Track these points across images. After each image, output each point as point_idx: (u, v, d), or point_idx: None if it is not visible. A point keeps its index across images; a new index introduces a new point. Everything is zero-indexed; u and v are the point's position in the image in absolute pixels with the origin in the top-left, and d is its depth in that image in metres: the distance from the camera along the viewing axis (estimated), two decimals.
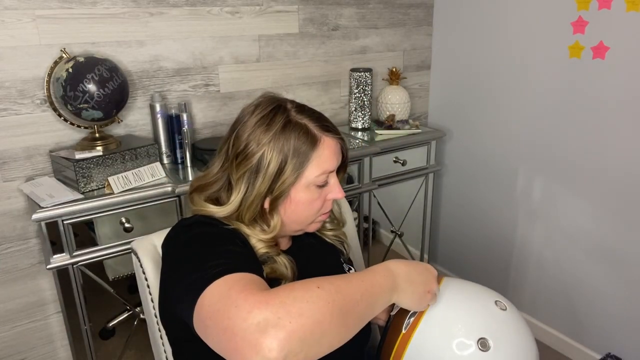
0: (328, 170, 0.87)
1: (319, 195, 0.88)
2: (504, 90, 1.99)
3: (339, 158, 0.90)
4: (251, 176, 0.85)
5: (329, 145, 0.87)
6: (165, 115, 1.61)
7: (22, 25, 1.40)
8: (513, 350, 0.79)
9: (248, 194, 0.85)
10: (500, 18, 1.95)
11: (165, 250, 0.87)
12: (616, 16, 1.57)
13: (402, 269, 0.78)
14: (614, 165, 1.68)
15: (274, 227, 0.87)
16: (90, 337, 1.45)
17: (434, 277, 0.81)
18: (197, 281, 0.68)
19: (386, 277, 0.75)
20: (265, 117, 0.85)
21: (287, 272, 0.86)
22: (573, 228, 1.84)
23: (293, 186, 0.85)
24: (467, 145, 2.20)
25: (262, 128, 0.84)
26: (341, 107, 2.11)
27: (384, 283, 0.74)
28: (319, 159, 0.85)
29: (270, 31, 1.83)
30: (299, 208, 0.88)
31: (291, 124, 0.85)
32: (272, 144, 0.83)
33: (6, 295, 1.56)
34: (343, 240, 1.08)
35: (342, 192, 0.91)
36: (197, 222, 0.85)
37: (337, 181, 0.91)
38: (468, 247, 2.31)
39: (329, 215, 0.97)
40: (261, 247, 0.86)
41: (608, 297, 1.79)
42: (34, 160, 1.50)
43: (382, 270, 0.76)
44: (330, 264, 1.01)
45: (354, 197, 1.87)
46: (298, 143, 0.84)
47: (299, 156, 0.84)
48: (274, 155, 0.83)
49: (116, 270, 1.49)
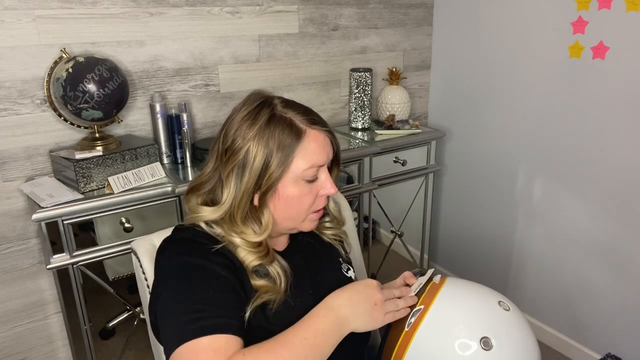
0: (316, 163, 0.86)
1: (309, 190, 0.87)
2: (503, 90, 1.99)
3: (328, 152, 0.89)
4: (239, 171, 0.84)
5: (315, 139, 0.86)
6: (165, 115, 1.61)
7: (22, 25, 1.40)
8: (515, 350, 0.79)
9: (237, 190, 0.85)
10: (500, 18, 1.95)
11: (156, 264, 0.88)
12: (616, 16, 1.57)
13: (341, 299, 0.80)
14: (614, 165, 1.68)
15: (265, 226, 0.87)
16: (90, 337, 1.45)
17: (374, 288, 0.82)
18: (176, 330, 0.74)
19: (327, 317, 0.78)
20: (251, 113, 0.85)
21: (279, 286, 0.86)
22: (573, 228, 1.84)
23: (280, 180, 0.85)
24: (467, 145, 2.20)
25: (248, 123, 0.84)
26: (341, 107, 2.11)
27: (327, 326, 0.77)
28: (304, 151, 0.84)
29: (270, 31, 1.83)
30: (289, 204, 0.87)
31: (275, 118, 0.84)
32: (257, 138, 0.83)
33: (6, 295, 1.56)
34: (343, 240, 1.07)
35: (334, 187, 0.90)
36: (186, 244, 0.86)
37: (328, 176, 0.90)
38: (468, 247, 2.31)
39: (322, 213, 0.96)
40: (252, 260, 0.85)
41: (608, 297, 1.79)
42: (34, 160, 1.50)
43: (323, 312, 0.78)
44: (327, 265, 1.00)
45: (354, 197, 1.87)
46: (282, 136, 0.83)
47: (284, 149, 0.83)
48: (259, 149, 0.83)
49: (116, 270, 1.49)
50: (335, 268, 1.01)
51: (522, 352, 0.80)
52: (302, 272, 0.93)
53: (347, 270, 1.02)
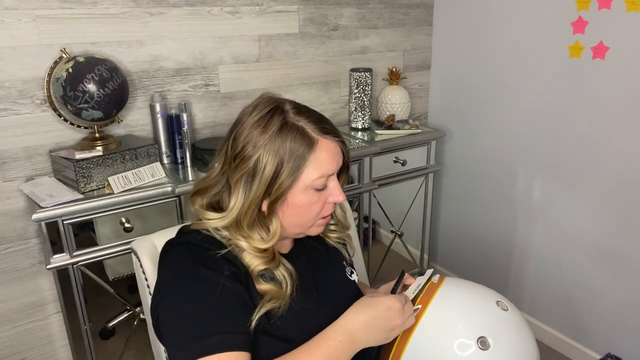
0: (327, 173, 0.85)
1: (318, 198, 0.87)
2: (503, 90, 1.99)
3: (339, 161, 0.88)
4: (248, 179, 0.83)
5: (327, 148, 0.85)
6: (165, 115, 1.61)
7: (22, 25, 1.40)
8: (513, 350, 0.79)
9: (246, 198, 0.84)
10: (500, 18, 1.95)
11: (160, 267, 0.87)
12: (616, 16, 1.57)
13: (359, 323, 0.79)
14: (613, 165, 1.68)
15: (273, 233, 0.86)
16: (90, 337, 1.45)
17: (395, 312, 0.80)
18: (182, 346, 0.74)
19: (343, 342, 0.78)
20: (263, 119, 0.83)
21: (285, 289, 0.85)
22: (573, 228, 1.84)
23: (290, 190, 0.83)
24: (467, 145, 2.20)
25: (259, 130, 0.83)
26: (341, 107, 2.11)
27: (342, 350, 0.78)
28: (316, 162, 0.83)
29: (270, 31, 1.83)
30: (298, 212, 0.86)
31: (288, 126, 0.83)
32: (268, 146, 0.81)
33: (6, 295, 1.56)
34: (347, 243, 1.07)
35: (342, 195, 0.89)
36: (191, 249, 0.84)
37: (337, 184, 0.89)
38: (468, 247, 2.31)
39: (329, 219, 0.95)
40: (258, 264, 0.84)
41: (608, 297, 1.79)
42: (34, 160, 1.50)
43: (339, 335, 0.79)
44: (332, 268, 1.00)
45: (354, 197, 1.87)
46: (294, 146, 0.82)
47: (295, 159, 0.82)
48: (269, 158, 0.81)
49: (116, 270, 1.49)
50: (339, 271, 1.00)
51: (520, 352, 0.80)
52: (307, 275, 0.92)
53: (351, 274, 1.02)
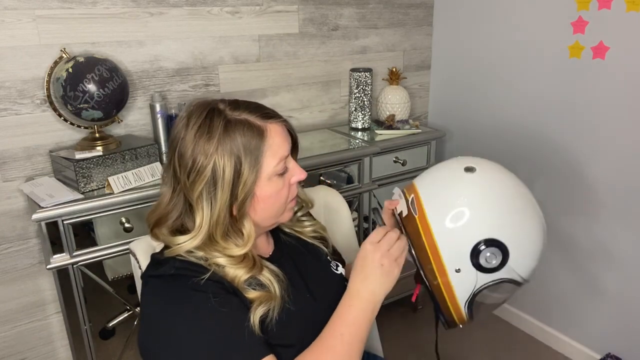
0: (283, 156, 0.85)
1: (283, 183, 0.86)
2: (503, 90, 1.99)
3: (289, 140, 0.88)
4: (210, 190, 0.80)
5: (276, 132, 0.84)
6: (165, 115, 1.61)
7: (22, 25, 1.41)
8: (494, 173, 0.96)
9: (212, 209, 0.81)
10: (500, 18, 1.94)
11: (143, 303, 0.84)
12: (616, 16, 1.57)
13: (356, 281, 0.83)
14: (613, 165, 1.68)
15: (248, 236, 0.84)
16: (90, 337, 1.45)
17: (371, 251, 0.83)
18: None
19: (352, 305, 0.82)
20: (203, 125, 0.81)
21: (274, 292, 0.84)
22: (573, 228, 1.84)
23: (256, 184, 0.82)
24: (467, 145, 2.20)
25: (204, 137, 0.80)
26: (341, 107, 2.11)
27: (357, 313, 0.81)
28: (271, 148, 0.83)
29: (270, 31, 1.83)
30: (269, 202, 0.86)
31: (231, 123, 0.81)
32: (220, 150, 0.79)
33: (6, 295, 1.56)
34: (324, 237, 1.06)
35: (303, 172, 0.89)
36: (173, 282, 0.81)
37: (295, 163, 0.89)
38: None
39: (296, 201, 0.95)
40: (242, 275, 0.82)
41: (608, 297, 1.79)
42: (34, 160, 1.50)
43: (347, 301, 0.83)
44: (317, 266, 0.99)
45: (354, 197, 1.86)
46: (245, 140, 0.80)
47: (252, 152, 0.81)
48: (225, 161, 0.79)
49: (116, 270, 1.49)
50: (325, 267, 1.00)
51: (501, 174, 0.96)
52: (294, 276, 0.92)
53: (337, 267, 1.02)
